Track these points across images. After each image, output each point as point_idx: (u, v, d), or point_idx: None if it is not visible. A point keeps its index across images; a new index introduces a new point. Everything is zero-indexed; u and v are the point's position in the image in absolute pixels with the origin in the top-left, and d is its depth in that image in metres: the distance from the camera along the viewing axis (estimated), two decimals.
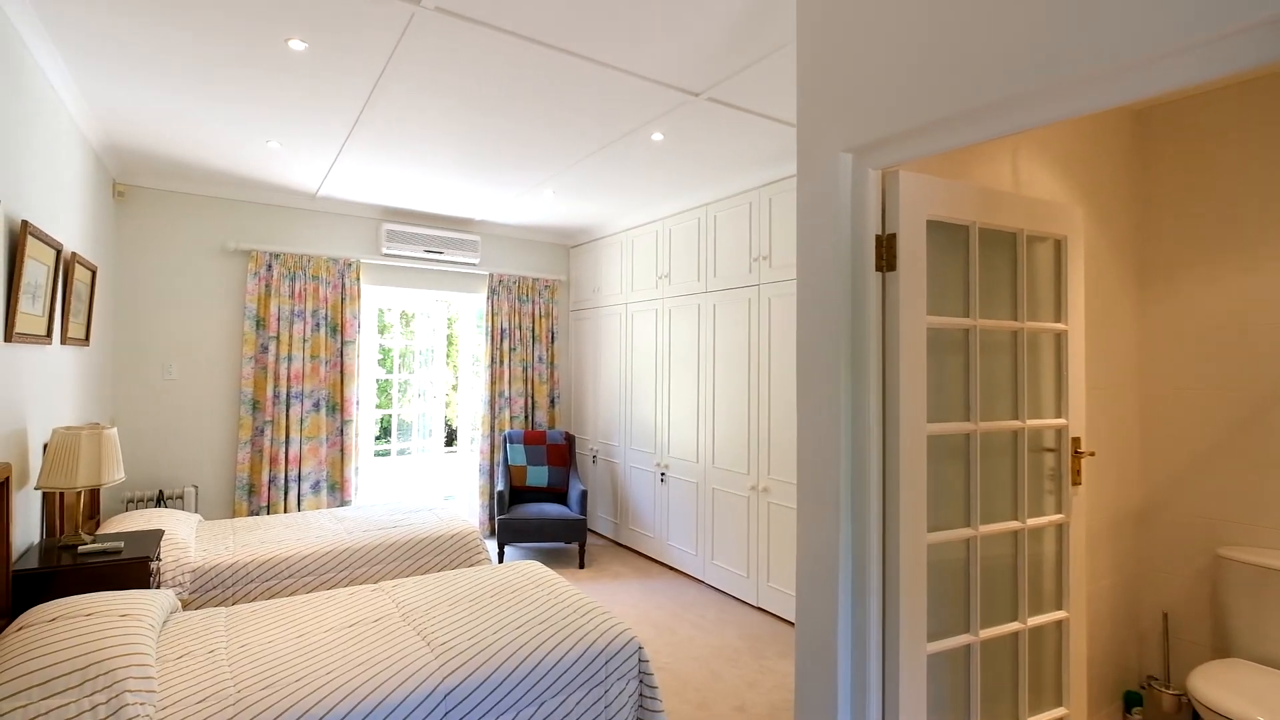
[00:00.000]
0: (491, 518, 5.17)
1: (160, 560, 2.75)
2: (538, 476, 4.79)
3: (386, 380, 5.44)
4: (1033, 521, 1.86)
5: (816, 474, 1.67)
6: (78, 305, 2.87)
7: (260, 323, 4.23)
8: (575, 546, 4.92)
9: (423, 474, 5.44)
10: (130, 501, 3.84)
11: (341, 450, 4.49)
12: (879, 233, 1.59)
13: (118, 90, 2.70)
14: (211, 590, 2.83)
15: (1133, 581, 2.48)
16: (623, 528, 4.97)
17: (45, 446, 2.40)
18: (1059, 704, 1.93)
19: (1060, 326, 1.94)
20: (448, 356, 5.73)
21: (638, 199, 4.32)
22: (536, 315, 5.43)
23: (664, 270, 4.52)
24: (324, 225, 4.58)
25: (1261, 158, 2.22)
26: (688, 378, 4.30)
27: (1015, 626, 1.83)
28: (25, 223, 2.09)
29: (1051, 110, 1.23)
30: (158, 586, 2.64)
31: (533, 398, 5.40)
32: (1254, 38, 0.99)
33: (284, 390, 4.27)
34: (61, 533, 2.60)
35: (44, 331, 2.39)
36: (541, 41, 2.25)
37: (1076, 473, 1.96)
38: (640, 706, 2.15)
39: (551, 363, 5.51)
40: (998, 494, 1.84)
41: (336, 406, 4.51)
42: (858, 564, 1.61)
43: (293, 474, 4.28)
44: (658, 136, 3.14)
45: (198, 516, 3.53)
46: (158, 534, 2.62)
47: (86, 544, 2.32)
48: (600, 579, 4.23)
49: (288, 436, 4.27)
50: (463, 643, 2.08)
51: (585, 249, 5.49)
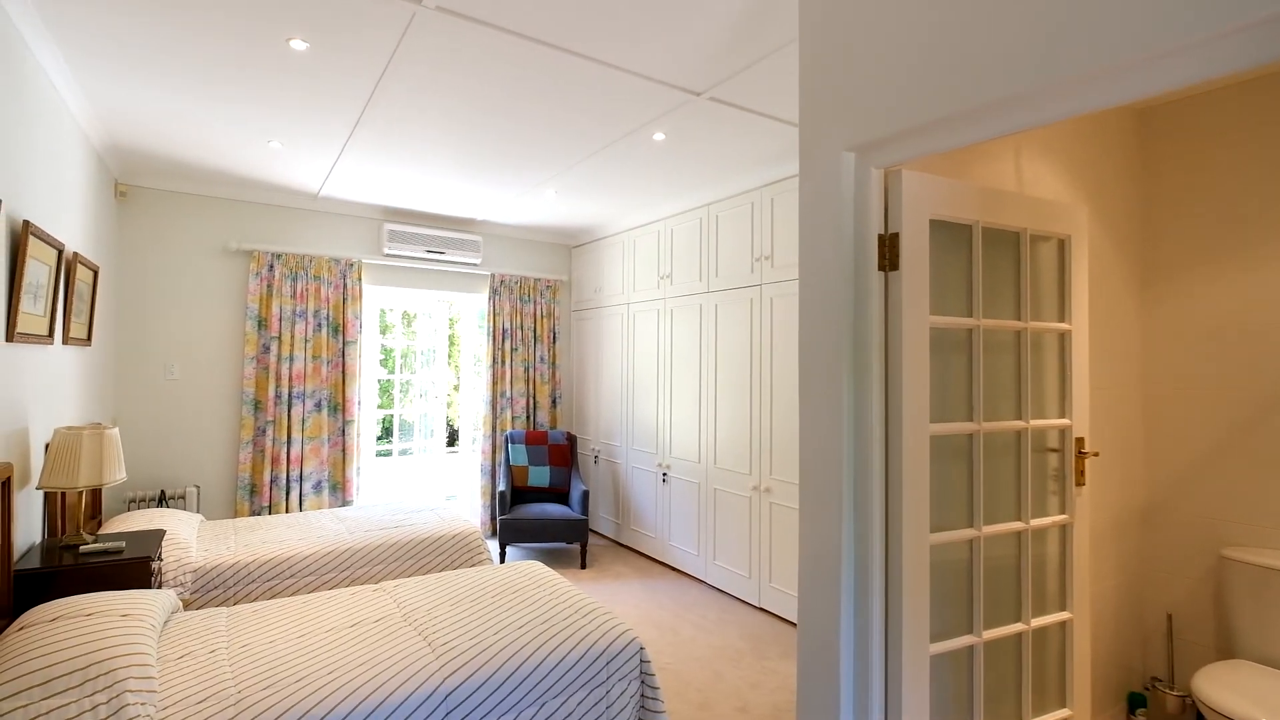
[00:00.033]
0: (493, 518, 5.17)
1: (162, 560, 2.75)
2: (539, 477, 4.79)
3: (388, 380, 5.45)
4: (1036, 522, 1.86)
5: (819, 474, 1.66)
6: (79, 305, 2.87)
7: (262, 323, 4.24)
8: (577, 547, 4.91)
9: (424, 474, 5.44)
10: (132, 501, 3.85)
11: (343, 450, 4.49)
12: (881, 232, 1.58)
13: (119, 90, 2.70)
14: (213, 590, 2.83)
15: (1137, 582, 2.47)
16: (624, 528, 4.96)
17: (47, 446, 2.40)
18: (1063, 705, 1.93)
19: (1064, 326, 1.93)
20: (449, 357, 5.74)
21: (639, 199, 4.32)
22: (538, 315, 5.43)
23: (666, 270, 4.52)
24: (326, 225, 4.58)
25: (1263, 158, 2.21)
26: (689, 378, 4.29)
27: (1019, 627, 1.82)
28: (27, 223, 2.09)
29: (1052, 109, 1.23)
30: (159, 586, 2.64)
31: (534, 398, 5.40)
32: (1253, 37, 0.98)
33: (286, 390, 4.27)
34: (63, 532, 2.60)
35: (46, 331, 2.39)
36: (543, 41, 2.25)
37: (1080, 473, 1.96)
38: (642, 707, 2.15)
39: (553, 363, 5.51)
40: (1001, 494, 1.83)
41: (338, 407, 4.51)
42: (860, 564, 1.60)
43: (294, 474, 4.28)
44: (659, 136, 3.14)
45: (199, 516, 3.53)
46: (159, 534, 2.62)
47: (88, 544, 2.33)
48: (602, 579, 4.23)
49: (289, 436, 4.28)
50: (464, 643, 2.07)
51: (587, 249, 5.48)
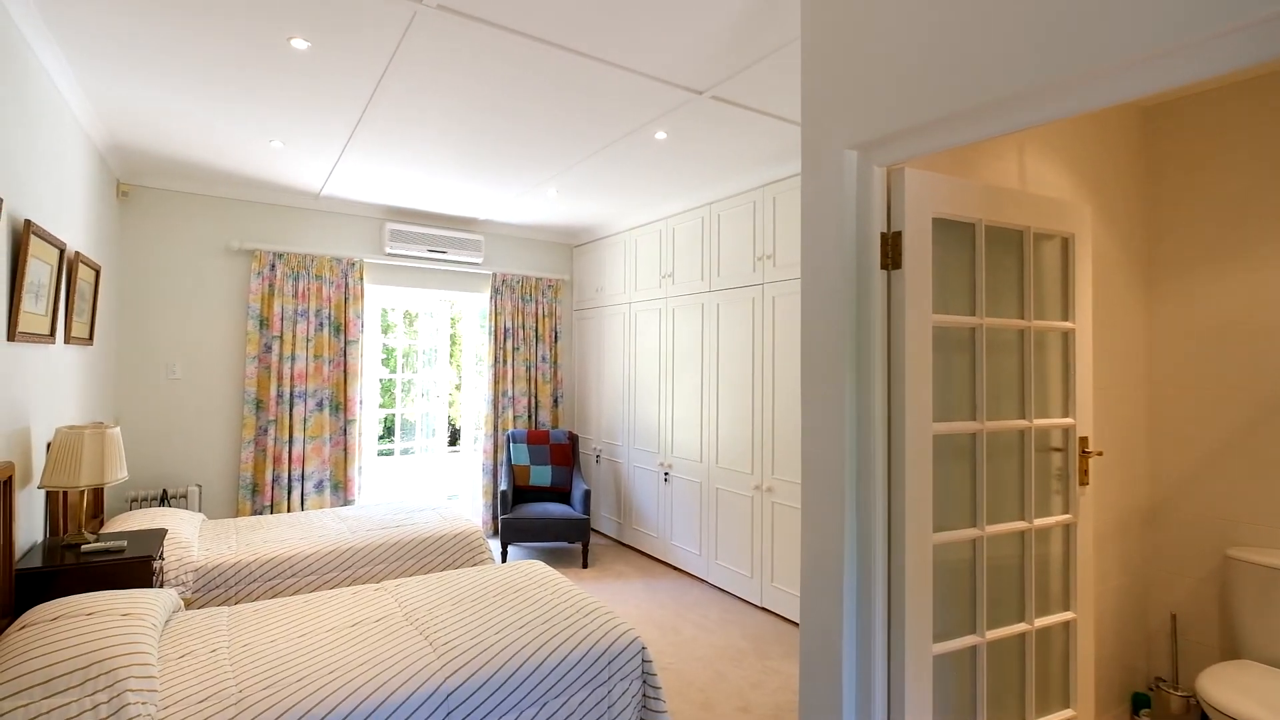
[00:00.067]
0: (495, 517, 5.17)
1: (163, 559, 2.75)
2: (541, 476, 4.78)
3: (390, 380, 5.45)
4: (1040, 522, 1.85)
5: (821, 473, 1.66)
6: (81, 304, 2.87)
7: (264, 322, 4.24)
8: (578, 546, 4.91)
9: (426, 473, 5.44)
10: (134, 501, 3.85)
11: (345, 450, 4.49)
12: (884, 230, 1.58)
13: (120, 90, 2.70)
14: (214, 589, 2.83)
15: (1140, 582, 2.46)
16: (626, 527, 4.96)
17: (49, 445, 2.41)
18: (1066, 705, 1.92)
19: (1068, 325, 1.92)
20: (451, 356, 5.73)
21: (641, 198, 4.31)
22: (540, 315, 5.43)
23: (667, 269, 4.51)
24: (327, 225, 4.58)
25: (1268, 157, 2.20)
26: (691, 377, 4.28)
27: (1022, 627, 1.81)
28: (29, 222, 2.09)
29: (1053, 107, 1.23)
30: (160, 586, 2.64)
31: (536, 397, 5.39)
32: (1253, 35, 0.98)
33: (287, 390, 4.27)
34: (65, 532, 2.61)
35: (47, 331, 2.39)
36: (544, 40, 2.24)
37: (1084, 472, 1.95)
38: (643, 707, 2.14)
39: (555, 362, 5.51)
40: (1004, 494, 1.82)
41: (340, 406, 4.51)
42: (863, 564, 1.59)
43: (296, 473, 4.28)
44: (661, 135, 3.13)
45: (201, 516, 3.53)
46: (161, 533, 2.62)
47: (89, 543, 2.33)
48: (603, 579, 4.22)
49: (291, 436, 4.28)
50: (465, 642, 2.07)
51: (588, 248, 5.48)
